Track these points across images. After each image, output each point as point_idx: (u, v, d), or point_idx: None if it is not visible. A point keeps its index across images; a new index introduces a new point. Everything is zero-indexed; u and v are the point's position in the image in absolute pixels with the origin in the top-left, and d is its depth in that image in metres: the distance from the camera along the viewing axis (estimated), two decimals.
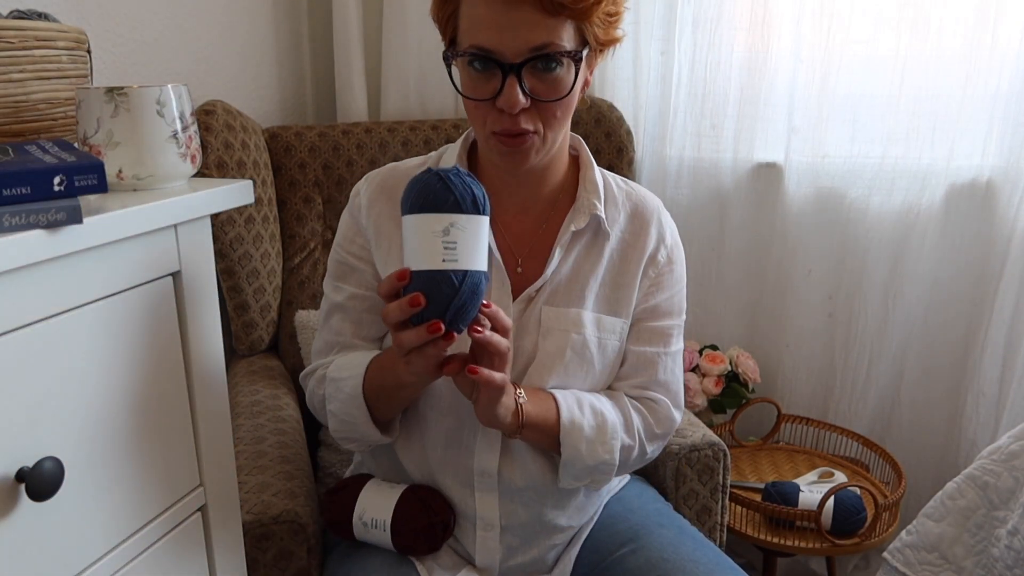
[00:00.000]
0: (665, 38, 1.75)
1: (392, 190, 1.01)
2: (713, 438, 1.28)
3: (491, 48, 0.85)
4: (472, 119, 0.93)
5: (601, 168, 1.07)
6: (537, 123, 0.90)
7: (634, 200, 1.06)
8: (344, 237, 1.05)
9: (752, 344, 1.87)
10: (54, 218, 0.60)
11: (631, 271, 1.03)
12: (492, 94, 0.88)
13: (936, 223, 1.65)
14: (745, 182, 1.79)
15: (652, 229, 1.05)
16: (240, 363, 1.53)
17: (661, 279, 1.05)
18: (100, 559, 0.72)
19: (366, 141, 1.64)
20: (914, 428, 1.76)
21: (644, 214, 1.05)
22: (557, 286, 1.01)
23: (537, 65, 0.86)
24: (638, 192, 1.08)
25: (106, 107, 0.72)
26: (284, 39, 1.80)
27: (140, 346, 0.74)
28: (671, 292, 1.06)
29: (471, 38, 0.86)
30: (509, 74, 0.86)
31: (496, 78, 0.87)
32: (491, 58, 0.86)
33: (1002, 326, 1.61)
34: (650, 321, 1.05)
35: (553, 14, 0.84)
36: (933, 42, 1.58)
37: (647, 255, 1.04)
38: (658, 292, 1.05)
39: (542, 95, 0.88)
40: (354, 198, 1.04)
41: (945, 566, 1.35)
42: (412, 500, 1.01)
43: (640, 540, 1.06)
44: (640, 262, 1.03)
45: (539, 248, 1.02)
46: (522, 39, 0.84)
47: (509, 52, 0.85)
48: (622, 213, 1.04)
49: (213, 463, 0.84)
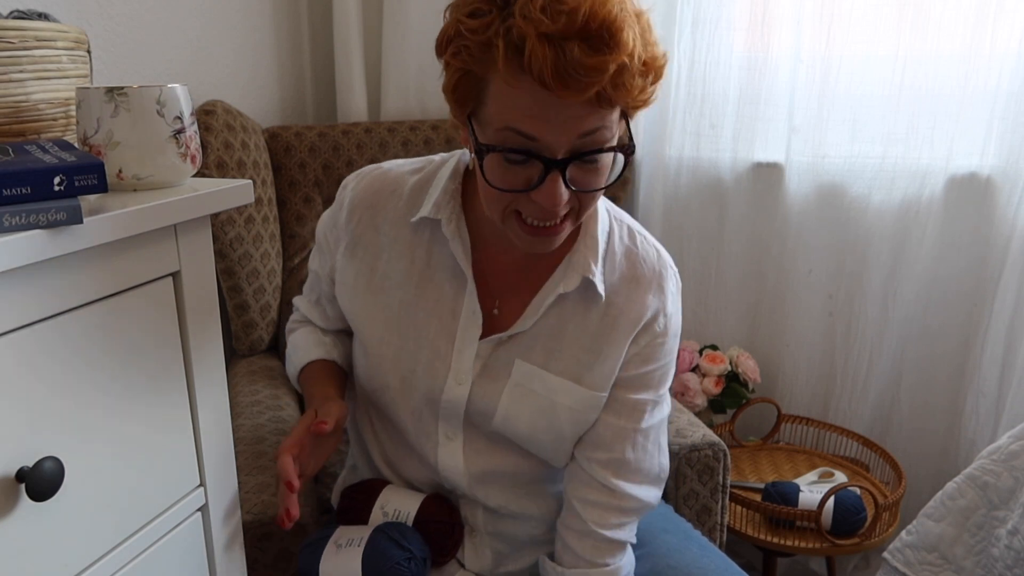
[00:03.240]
0: (665, 38, 1.75)
1: (376, 197, 0.97)
2: (713, 438, 1.28)
3: (536, 136, 0.76)
4: (489, 201, 0.83)
5: (611, 208, 0.98)
6: (573, 207, 0.82)
7: (634, 261, 0.95)
8: (326, 223, 1.03)
9: (752, 344, 1.86)
10: (54, 218, 0.60)
11: (618, 339, 0.93)
12: (525, 185, 0.79)
13: (936, 222, 1.65)
14: (745, 182, 1.79)
15: (650, 297, 0.94)
16: (240, 363, 1.53)
17: (652, 350, 0.95)
18: (100, 559, 0.72)
19: (366, 141, 1.64)
20: (914, 428, 1.76)
21: (643, 278, 0.94)
22: (534, 341, 0.94)
23: (583, 158, 0.78)
24: (643, 252, 0.96)
25: (106, 107, 0.71)
26: (284, 39, 1.80)
27: (140, 346, 0.74)
28: (658, 364, 0.96)
29: (507, 120, 0.76)
30: (553, 170, 0.77)
31: (532, 168, 0.78)
32: (532, 153, 0.77)
33: (1002, 326, 1.61)
34: (628, 392, 0.95)
35: (605, 107, 0.76)
36: (933, 41, 1.58)
37: (642, 323, 0.93)
38: (644, 363, 0.95)
39: (584, 185, 0.80)
40: (341, 192, 1.01)
41: (945, 566, 1.35)
42: (438, 500, 1.01)
43: (645, 547, 1.05)
44: (631, 330, 0.93)
45: (522, 289, 0.95)
46: (572, 131, 0.76)
47: (554, 145, 0.76)
48: (618, 273, 0.94)
49: (213, 463, 0.84)
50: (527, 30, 0.71)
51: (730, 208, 1.81)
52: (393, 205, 0.96)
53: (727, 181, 1.79)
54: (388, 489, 1.03)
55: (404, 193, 0.97)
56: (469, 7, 0.77)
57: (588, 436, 0.96)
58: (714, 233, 1.84)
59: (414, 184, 0.97)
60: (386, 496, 1.02)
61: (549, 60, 0.70)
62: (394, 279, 0.96)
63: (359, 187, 0.99)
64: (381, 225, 0.96)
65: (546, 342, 0.94)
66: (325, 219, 1.03)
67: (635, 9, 0.77)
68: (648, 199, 1.84)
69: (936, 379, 1.73)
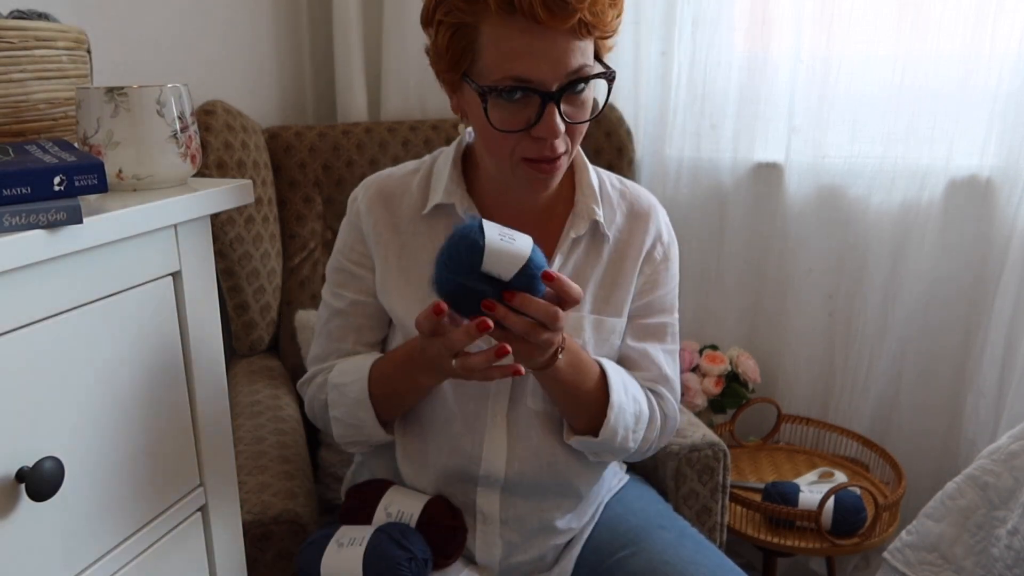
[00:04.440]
0: (665, 38, 1.75)
1: (388, 198, 1.03)
2: (713, 438, 1.28)
3: (531, 78, 0.85)
4: (495, 149, 0.92)
5: (594, 166, 1.07)
6: (567, 144, 0.91)
7: (629, 199, 1.07)
8: (345, 244, 1.06)
9: (752, 344, 1.86)
10: (54, 218, 0.60)
11: (628, 269, 1.04)
12: (526, 123, 0.87)
13: (936, 222, 1.65)
14: (745, 182, 1.79)
15: (649, 226, 1.05)
16: (240, 363, 1.53)
17: (657, 275, 1.06)
18: (100, 559, 0.72)
19: (366, 141, 1.64)
20: (914, 428, 1.76)
21: (640, 212, 1.06)
22: None
23: (573, 89, 0.87)
24: (633, 190, 1.08)
25: (106, 107, 0.72)
26: (284, 39, 1.80)
27: (140, 346, 0.74)
28: (666, 288, 1.07)
29: (504, 69, 0.85)
30: (549, 102, 0.85)
31: (530, 107, 0.87)
32: (530, 88, 0.85)
33: (1002, 326, 1.61)
34: (648, 318, 1.05)
35: (583, 36, 0.85)
36: (933, 41, 1.58)
37: (644, 252, 1.04)
38: (654, 288, 1.05)
39: (575, 117, 0.90)
40: (352, 204, 1.06)
41: (945, 566, 1.35)
42: (442, 503, 1.02)
43: (641, 543, 1.06)
44: (637, 260, 1.04)
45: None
46: (561, 65, 0.85)
47: (548, 80, 0.85)
48: (618, 213, 1.05)
49: (213, 463, 0.84)
50: None
51: (730, 208, 1.81)
52: (407, 203, 1.03)
53: (727, 181, 1.80)
54: (393, 490, 1.03)
55: (413, 190, 1.03)
56: None
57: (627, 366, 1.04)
58: (714, 233, 1.84)
59: (419, 181, 1.04)
60: (390, 497, 1.02)
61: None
62: (424, 266, 0.99)
63: (369, 194, 1.04)
64: (399, 224, 1.02)
65: None
66: (341, 244, 1.06)
67: None
68: None
69: (936, 379, 1.73)
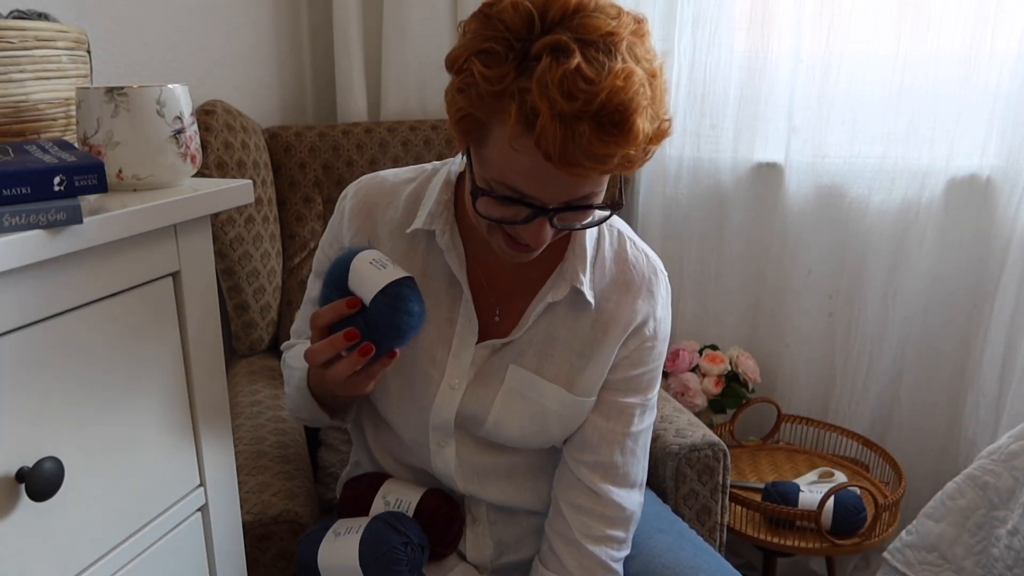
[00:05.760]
0: (665, 38, 1.75)
1: (372, 208, 0.98)
2: (713, 438, 1.28)
3: (530, 195, 0.78)
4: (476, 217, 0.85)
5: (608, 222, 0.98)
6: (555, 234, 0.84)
7: (624, 266, 0.96)
8: (326, 239, 1.03)
9: (752, 344, 1.86)
10: (54, 218, 0.60)
11: (608, 344, 0.95)
12: (512, 219, 0.81)
13: (936, 222, 1.65)
14: (745, 182, 1.79)
15: (640, 302, 0.95)
16: (240, 363, 1.53)
17: (641, 354, 0.97)
18: (100, 559, 0.72)
19: (366, 141, 1.64)
20: (914, 428, 1.76)
21: (632, 283, 0.96)
22: (527, 346, 0.95)
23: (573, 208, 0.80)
24: (634, 257, 0.98)
25: (106, 107, 0.71)
26: (284, 39, 1.80)
27: (140, 346, 0.74)
28: (647, 368, 0.98)
29: (504, 176, 0.78)
30: (540, 216, 0.79)
31: (522, 210, 0.80)
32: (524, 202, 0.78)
33: (1002, 326, 1.61)
34: (617, 396, 0.97)
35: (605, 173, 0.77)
36: (933, 41, 1.58)
37: (631, 327, 0.95)
38: (633, 367, 0.97)
39: (570, 224, 0.84)
40: (341, 202, 1.02)
41: (945, 566, 1.35)
42: (440, 493, 1.02)
43: (639, 546, 1.05)
44: (621, 335, 0.95)
45: (522, 295, 0.96)
46: (567, 194, 0.78)
47: (547, 201, 0.78)
48: (608, 279, 0.95)
49: (213, 463, 0.84)
50: (542, 106, 0.70)
51: (730, 208, 1.81)
52: (390, 216, 0.97)
53: (727, 181, 1.79)
54: (390, 481, 1.03)
55: (400, 204, 0.98)
56: (485, 43, 0.75)
57: (577, 437, 0.98)
58: (714, 233, 1.84)
59: (409, 194, 0.98)
60: (388, 487, 1.02)
61: (558, 140, 0.71)
62: None
63: (357, 197, 1.00)
64: (379, 235, 0.98)
65: (539, 347, 0.96)
66: (326, 239, 1.04)
67: (651, 69, 0.76)
68: (648, 199, 1.85)
69: (936, 379, 1.73)
